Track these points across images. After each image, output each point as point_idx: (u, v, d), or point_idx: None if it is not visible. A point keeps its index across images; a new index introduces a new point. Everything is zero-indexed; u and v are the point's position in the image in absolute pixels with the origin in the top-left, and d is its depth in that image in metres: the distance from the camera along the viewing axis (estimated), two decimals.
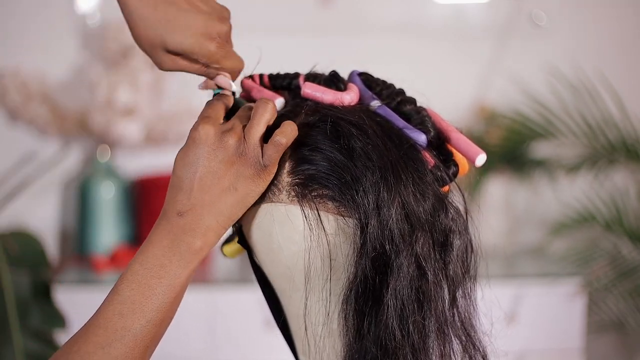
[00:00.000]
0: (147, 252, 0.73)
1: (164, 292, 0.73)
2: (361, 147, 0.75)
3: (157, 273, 0.73)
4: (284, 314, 0.86)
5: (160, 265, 0.73)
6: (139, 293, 0.72)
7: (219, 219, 0.74)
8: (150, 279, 0.72)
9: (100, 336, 0.71)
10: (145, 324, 0.72)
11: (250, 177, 0.75)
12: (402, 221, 0.74)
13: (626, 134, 2.42)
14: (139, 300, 0.72)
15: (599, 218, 2.49)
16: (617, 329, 2.61)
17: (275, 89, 0.86)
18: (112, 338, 0.71)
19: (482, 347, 0.80)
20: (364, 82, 0.84)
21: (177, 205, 0.74)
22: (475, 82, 2.69)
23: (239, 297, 2.31)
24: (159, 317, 0.73)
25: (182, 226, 0.74)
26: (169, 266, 0.73)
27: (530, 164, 2.61)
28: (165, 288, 0.73)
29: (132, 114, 2.45)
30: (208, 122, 0.75)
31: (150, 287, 0.72)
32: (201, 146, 0.74)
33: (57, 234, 2.67)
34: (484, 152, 0.81)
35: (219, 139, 0.74)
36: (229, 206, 0.74)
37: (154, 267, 0.73)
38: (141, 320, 0.72)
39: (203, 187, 0.74)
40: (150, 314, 0.72)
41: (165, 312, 0.73)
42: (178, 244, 0.73)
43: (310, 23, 2.66)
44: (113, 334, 0.71)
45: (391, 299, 0.73)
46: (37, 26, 2.60)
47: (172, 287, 0.73)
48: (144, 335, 0.72)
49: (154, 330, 0.73)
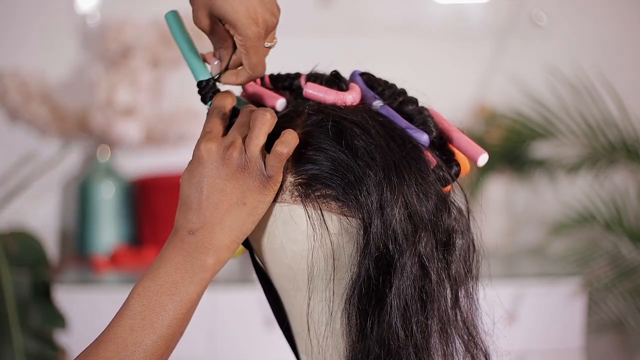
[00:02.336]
0: (159, 269, 0.74)
1: (175, 308, 0.73)
2: (364, 146, 0.75)
3: (169, 289, 0.73)
4: (286, 313, 0.86)
5: (173, 282, 0.73)
6: (150, 309, 0.73)
7: (231, 235, 0.75)
8: (161, 295, 0.73)
9: (111, 351, 0.71)
10: (156, 340, 0.72)
11: (257, 189, 0.75)
12: (406, 221, 0.74)
13: (626, 134, 2.42)
14: (149, 316, 0.72)
15: (599, 218, 2.50)
16: (617, 328, 2.62)
17: (276, 90, 0.86)
18: (123, 354, 0.71)
19: (485, 347, 0.80)
20: (365, 82, 0.84)
21: (188, 224, 0.75)
22: (475, 82, 2.69)
23: (239, 297, 2.31)
24: (170, 333, 0.73)
25: (194, 244, 0.74)
26: (181, 283, 0.73)
27: (530, 164, 2.61)
28: (177, 304, 0.73)
29: (132, 114, 2.45)
30: (209, 140, 0.75)
31: (161, 304, 0.73)
32: (205, 164, 0.74)
33: (57, 234, 2.67)
34: (486, 152, 0.81)
35: (221, 156, 0.74)
36: (240, 220, 0.75)
37: (166, 284, 0.73)
38: (152, 336, 0.72)
39: (211, 205, 0.74)
40: (161, 329, 0.73)
41: (176, 327, 0.74)
42: (190, 262, 0.74)
43: (310, 23, 2.66)
44: (124, 349, 0.71)
45: (394, 298, 0.73)
46: (37, 26, 2.60)
47: (183, 304, 0.74)
48: (155, 350, 0.72)
49: (164, 345, 0.73)
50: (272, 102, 0.83)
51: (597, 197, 2.53)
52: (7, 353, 1.89)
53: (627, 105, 2.43)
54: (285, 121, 0.79)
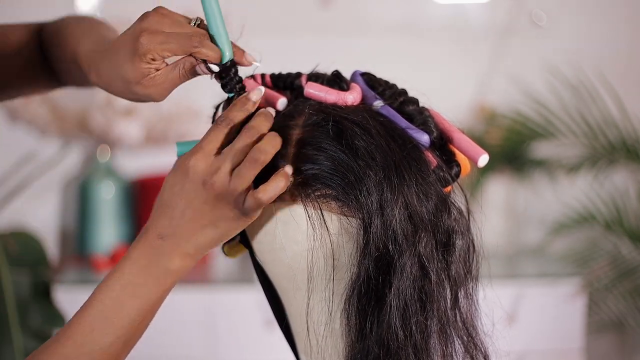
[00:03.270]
0: (123, 269, 0.74)
1: (136, 311, 0.74)
2: (365, 146, 0.75)
3: (131, 291, 0.74)
4: (286, 313, 0.86)
5: (136, 284, 0.74)
6: (111, 309, 0.73)
7: (197, 249, 0.75)
8: (123, 297, 0.74)
9: (69, 348, 0.72)
10: (114, 340, 0.73)
11: (231, 219, 0.74)
12: (406, 221, 0.74)
13: (626, 134, 2.41)
14: (110, 317, 0.73)
15: (599, 218, 2.49)
16: (617, 329, 2.61)
17: (277, 89, 0.86)
18: (81, 351, 0.72)
19: (484, 348, 0.80)
20: (366, 82, 0.84)
21: (159, 228, 0.75)
22: (475, 82, 2.69)
23: (239, 297, 2.31)
24: (129, 334, 0.74)
25: (161, 249, 0.74)
26: (144, 286, 0.74)
27: (530, 164, 2.61)
28: (138, 307, 0.74)
29: (132, 114, 2.45)
30: (199, 158, 0.74)
31: (122, 305, 0.74)
32: (188, 181, 0.74)
33: (57, 234, 2.67)
34: (487, 153, 0.81)
35: (204, 180, 0.73)
36: (208, 239, 0.75)
37: (129, 285, 0.74)
38: (111, 337, 0.73)
39: (185, 219, 0.74)
40: (120, 330, 0.74)
41: (135, 329, 0.75)
42: (155, 265, 0.74)
43: (310, 23, 2.66)
44: (81, 347, 0.72)
45: (394, 299, 0.73)
46: None
47: (144, 307, 0.74)
48: (112, 351, 0.74)
49: (122, 346, 0.74)
50: (273, 102, 0.82)
51: (597, 197, 2.53)
52: (7, 353, 1.89)
53: (627, 105, 2.43)
54: (286, 121, 0.79)
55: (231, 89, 0.80)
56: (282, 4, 2.67)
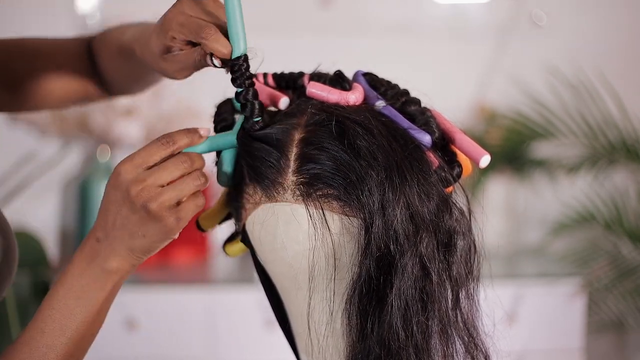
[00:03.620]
0: (67, 273, 0.77)
1: (82, 312, 0.76)
2: (367, 146, 0.75)
3: (76, 294, 0.77)
4: (287, 313, 0.86)
5: (79, 286, 0.77)
6: (59, 312, 0.76)
7: (130, 254, 0.77)
8: (69, 300, 0.76)
9: (25, 353, 0.76)
10: (66, 342, 0.76)
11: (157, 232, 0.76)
12: (407, 221, 0.74)
13: (626, 134, 2.42)
14: (59, 319, 0.76)
15: (599, 218, 2.49)
16: (617, 329, 2.61)
17: (280, 88, 0.86)
18: (35, 355, 0.75)
19: (485, 348, 0.80)
20: (368, 82, 0.84)
21: (96, 231, 0.77)
22: (476, 82, 2.69)
23: (239, 297, 2.31)
24: (79, 335, 0.77)
25: (98, 251, 0.77)
26: (87, 287, 0.77)
27: (530, 164, 2.61)
28: (83, 308, 0.77)
29: (132, 114, 2.45)
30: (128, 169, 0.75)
31: (68, 307, 0.76)
32: (117, 188, 0.76)
33: (57, 234, 2.67)
34: (488, 154, 0.81)
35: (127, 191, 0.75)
36: (138, 246, 0.77)
37: (73, 288, 0.77)
38: (61, 339, 0.76)
39: (115, 225, 0.76)
40: (69, 332, 0.76)
41: (84, 330, 0.77)
42: (93, 267, 0.77)
43: (311, 23, 2.66)
44: (36, 351, 0.75)
45: (395, 299, 0.73)
46: (37, 26, 2.59)
47: (89, 307, 0.77)
48: (65, 352, 0.76)
49: (74, 347, 0.77)
50: (276, 101, 0.82)
51: (597, 197, 2.53)
52: None
53: (627, 105, 2.43)
54: (288, 120, 0.79)
55: (240, 84, 0.80)
56: (282, 4, 2.67)
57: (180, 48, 0.82)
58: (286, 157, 0.77)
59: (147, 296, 2.31)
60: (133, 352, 2.30)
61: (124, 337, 2.29)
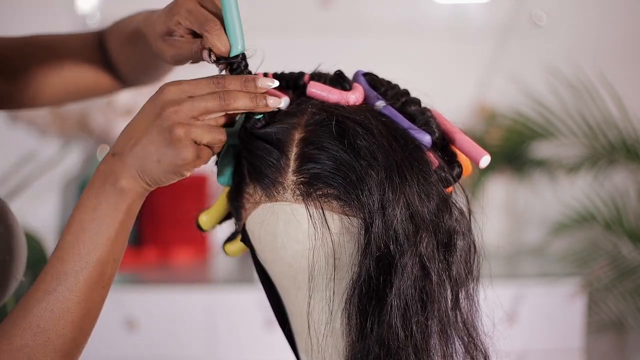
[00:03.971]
0: (83, 195, 0.76)
1: (99, 233, 0.74)
2: (367, 146, 0.75)
3: (90, 215, 0.75)
4: (287, 312, 0.86)
5: (92, 206, 0.75)
6: (76, 237, 0.75)
7: (142, 175, 0.75)
8: (84, 222, 0.75)
9: (47, 282, 0.74)
10: (85, 266, 0.74)
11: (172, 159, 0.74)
12: (407, 221, 0.74)
13: (626, 134, 2.42)
14: (76, 244, 0.74)
15: (599, 218, 2.49)
16: (617, 329, 2.62)
17: (280, 88, 0.86)
18: (56, 283, 0.74)
19: (484, 348, 0.80)
20: (369, 82, 0.84)
21: (116, 145, 0.76)
22: (476, 82, 2.69)
23: (239, 297, 2.31)
24: (99, 258, 0.74)
25: (111, 166, 0.75)
26: (100, 208, 0.75)
27: (530, 164, 2.61)
28: (99, 230, 0.75)
29: (132, 114, 2.44)
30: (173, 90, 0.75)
31: (84, 230, 0.75)
32: (153, 104, 0.75)
33: (57, 234, 2.67)
34: (488, 154, 0.81)
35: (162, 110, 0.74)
36: (148, 170, 0.75)
37: (87, 209, 0.75)
38: (81, 263, 0.74)
39: (138, 141, 0.74)
40: (88, 256, 0.74)
41: (104, 253, 0.75)
42: (105, 186, 0.75)
43: (310, 23, 2.66)
44: (56, 278, 0.74)
45: (395, 299, 0.73)
46: (37, 26, 2.59)
47: (105, 229, 0.75)
48: (87, 277, 0.74)
49: (96, 271, 0.74)
50: (276, 101, 0.82)
51: (597, 197, 2.53)
52: None
53: (627, 105, 2.43)
54: (288, 119, 0.79)
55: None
56: (282, 4, 2.67)
57: (182, 35, 0.83)
58: (286, 157, 0.77)
59: (147, 296, 2.31)
60: (133, 352, 2.30)
61: (124, 337, 2.29)
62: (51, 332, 0.73)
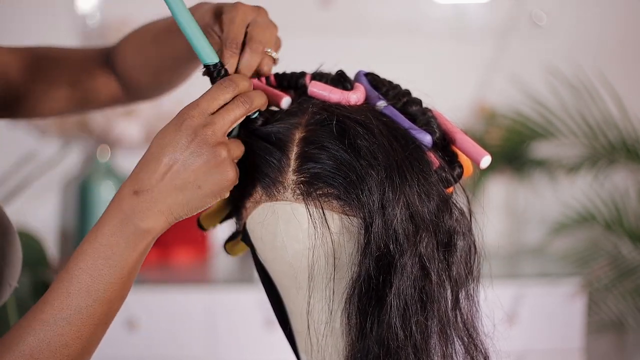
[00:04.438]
0: (97, 231, 0.73)
1: (111, 273, 0.72)
2: (367, 146, 0.75)
3: (104, 253, 0.72)
4: (287, 312, 0.86)
5: (108, 245, 0.72)
6: (85, 273, 0.72)
7: (173, 209, 0.73)
8: (97, 260, 0.72)
9: (47, 314, 0.71)
10: (91, 304, 0.72)
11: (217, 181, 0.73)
12: (407, 221, 0.73)
13: (626, 134, 2.42)
14: (85, 281, 0.72)
15: (599, 218, 2.49)
16: (617, 329, 2.61)
17: (281, 88, 0.86)
18: (58, 317, 0.71)
19: (484, 349, 0.80)
20: (370, 82, 0.84)
21: (136, 182, 0.73)
22: (476, 82, 2.69)
23: (239, 297, 2.31)
24: (107, 298, 0.72)
25: (134, 206, 0.72)
26: (116, 247, 0.72)
27: (530, 164, 2.61)
28: (112, 269, 0.72)
29: (132, 114, 2.45)
30: (195, 115, 0.73)
31: (97, 268, 0.72)
32: (180, 132, 0.73)
33: (57, 234, 2.67)
34: (489, 154, 0.81)
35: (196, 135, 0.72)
36: (187, 200, 0.73)
37: (102, 247, 0.72)
38: (87, 300, 0.71)
39: (168, 173, 0.72)
40: (96, 294, 0.72)
41: (112, 292, 0.72)
42: (127, 224, 0.72)
43: (310, 23, 2.66)
44: (59, 312, 0.71)
45: (394, 298, 0.73)
46: (37, 26, 2.60)
47: (119, 269, 0.72)
48: (90, 314, 0.72)
49: (100, 310, 0.72)
50: (277, 100, 0.83)
51: (597, 197, 2.53)
52: None
53: (627, 105, 2.43)
54: (289, 119, 0.79)
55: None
56: (282, 4, 2.66)
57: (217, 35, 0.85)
58: (287, 156, 0.77)
59: (147, 296, 2.31)
60: (133, 352, 2.30)
61: (124, 337, 2.29)
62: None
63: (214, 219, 0.90)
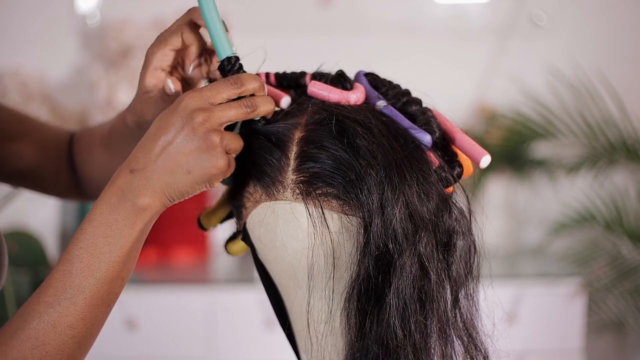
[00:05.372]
0: (95, 210, 0.74)
1: (111, 250, 0.73)
2: (366, 145, 0.75)
3: (104, 232, 0.73)
4: (287, 311, 0.86)
5: (107, 223, 0.73)
6: (86, 252, 0.72)
7: (165, 190, 0.74)
8: (97, 238, 0.73)
9: (50, 296, 0.71)
10: (94, 283, 0.72)
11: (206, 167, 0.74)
12: (406, 221, 0.73)
13: (626, 134, 2.42)
14: (86, 259, 0.72)
15: (599, 218, 2.49)
16: (617, 329, 2.62)
17: (281, 88, 0.86)
18: (62, 297, 0.71)
19: (484, 348, 0.80)
20: (370, 82, 0.84)
21: (132, 162, 0.74)
22: (476, 82, 2.69)
23: (239, 297, 2.31)
24: (108, 276, 0.73)
25: (130, 184, 0.73)
26: (115, 225, 0.73)
27: (530, 164, 2.61)
28: (112, 247, 0.73)
29: None
30: (195, 97, 0.74)
31: (97, 246, 0.72)
32: (177, 113, 0.74)
33: (57, 234, 2.67)
34: (489, 154, 0.81)
35: (191, 118, 0.73)
36: (176, 183, 0.74)
37: (101, 226, 0.73)
38: (90, 279, 0.72)
39: (162, 153, 0.73)
40: (98, 272, 0.72)
41: (113, 271, 0.73)
42: (124, 202, 0.73)
43: (311, 23, 2.66)
44: (62, 293, 0.71)
45: (393, 298, 0.73)
46: (37, 26, 2.60)
47: (118, 247, 0.73)
48: (94, 293, 0.72)
49: (103, 289, 0.73)
50: (277, 100, 0.83)
51: (597, 197, 2.53)
52: None
53: (627, 105, 2.43)
54: (289, 119, 0.79)
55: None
56: (282, 4, 2.67)
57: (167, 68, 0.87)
58: (286, 156, 0.77)
59: (147, 296, 2.31)
60: (133, 352, 2.30)
61: (124, 337, 2.29)
62: (50, 346, 0.71)
63: (214, 219, 0.90)
